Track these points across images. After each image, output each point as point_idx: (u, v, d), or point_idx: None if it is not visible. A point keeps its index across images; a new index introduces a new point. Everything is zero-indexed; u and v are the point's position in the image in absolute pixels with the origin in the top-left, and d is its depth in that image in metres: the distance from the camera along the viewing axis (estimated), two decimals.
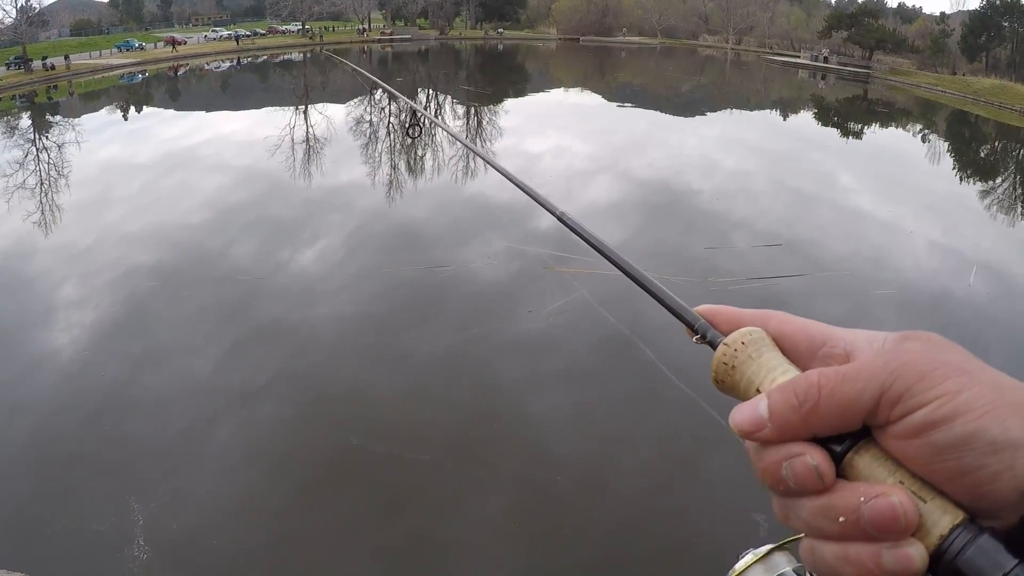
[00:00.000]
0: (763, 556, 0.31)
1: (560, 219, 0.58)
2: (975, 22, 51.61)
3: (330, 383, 6.22)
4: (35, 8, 42.31)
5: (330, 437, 5.41)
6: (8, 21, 38.22)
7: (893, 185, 15.66)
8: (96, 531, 4.36)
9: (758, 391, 0.36)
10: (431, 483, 4.88)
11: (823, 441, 0.33)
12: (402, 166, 16.05)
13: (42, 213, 11.63)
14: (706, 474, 5.06)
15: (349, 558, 4.26)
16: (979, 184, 17.81)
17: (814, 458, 0.32)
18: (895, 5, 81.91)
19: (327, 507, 4.66)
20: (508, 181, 0.71)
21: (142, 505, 4.55)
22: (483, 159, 0.86)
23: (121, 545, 4.23)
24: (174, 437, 5.34)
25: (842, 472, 0.33)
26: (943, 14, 59.72)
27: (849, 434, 0.33)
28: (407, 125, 20.08)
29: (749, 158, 17.48)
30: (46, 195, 12.90)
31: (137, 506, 4.54)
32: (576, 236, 0.55)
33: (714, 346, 0.39)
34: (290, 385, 6.14)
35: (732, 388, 0.38)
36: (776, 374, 0.37)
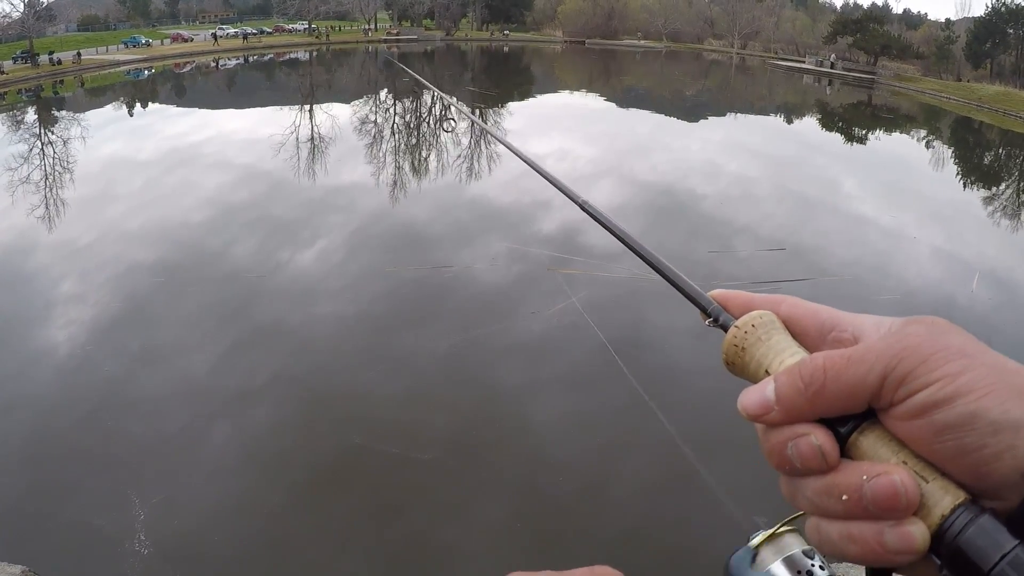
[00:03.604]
0: (772, 536, 0.31)
1: (582, 207, 0.61)
2: (980, 28, 51.57)
3: (332, 383, 6.22)
4: (42, 3, 42.46)
5: (333, 436, 5.41)
6: (15, 15, 38.35)
7: (897, 191, 15.64)
8: (97, 526, 4.36)
9: (767, 373, 0.37)
10: (433, 484, 4.88)
11: (829, 422, 0.34)
12: (407, 166, 16.06)
13: (46, 207, 11.66)
14: (709, 478, 5.05)
15: (351, 556, 4.26)
16: (983, 191, 17.76)
17: (818, 438, 0.33)
18: (900, 11, 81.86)
19: (329, 506, 4.65)
20: (534, 172, 0.72)
21: (143, 500, 4.56)
22: (509, 148, 0.89)
23: (122, 540, 4.23)
24: (176, 434, 5.34)
25: (847, 452, 0.34)
26: (948, 20, 59.82)
27: (854, 416, 0.34)
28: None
29: (753, 163, 17.46)
30: (50, 190, 12.93)
31: (138, 501, 4.55)
32: (597, 226, 0.57)
33: (726, 329, 0.40)
34: (292, 384, 6.13)
35: (742, 369, 0.39)
36: (784, 356, 0.37)
